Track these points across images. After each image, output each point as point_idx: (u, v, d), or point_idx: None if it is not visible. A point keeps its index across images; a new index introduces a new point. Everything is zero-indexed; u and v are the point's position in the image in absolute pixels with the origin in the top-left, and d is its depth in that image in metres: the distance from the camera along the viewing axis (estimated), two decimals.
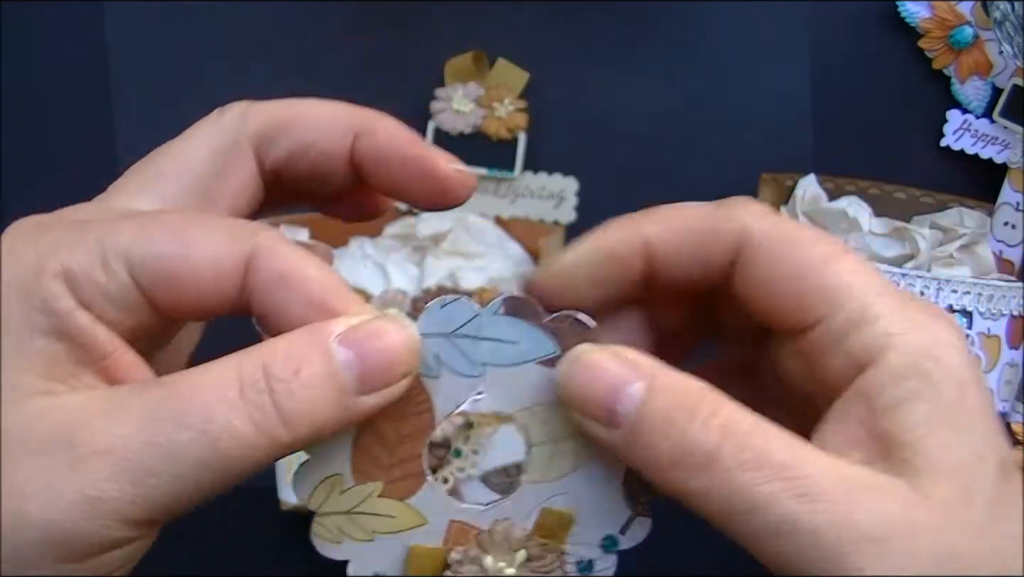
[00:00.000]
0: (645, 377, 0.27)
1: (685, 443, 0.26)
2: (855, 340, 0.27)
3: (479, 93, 0.60)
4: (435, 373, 0.29)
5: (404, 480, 0.29)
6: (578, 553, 0.30)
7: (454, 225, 0.60)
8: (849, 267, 0.27)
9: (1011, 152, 0.61)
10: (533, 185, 0.62)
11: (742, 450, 0.25)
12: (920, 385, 0.26)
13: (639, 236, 0.31)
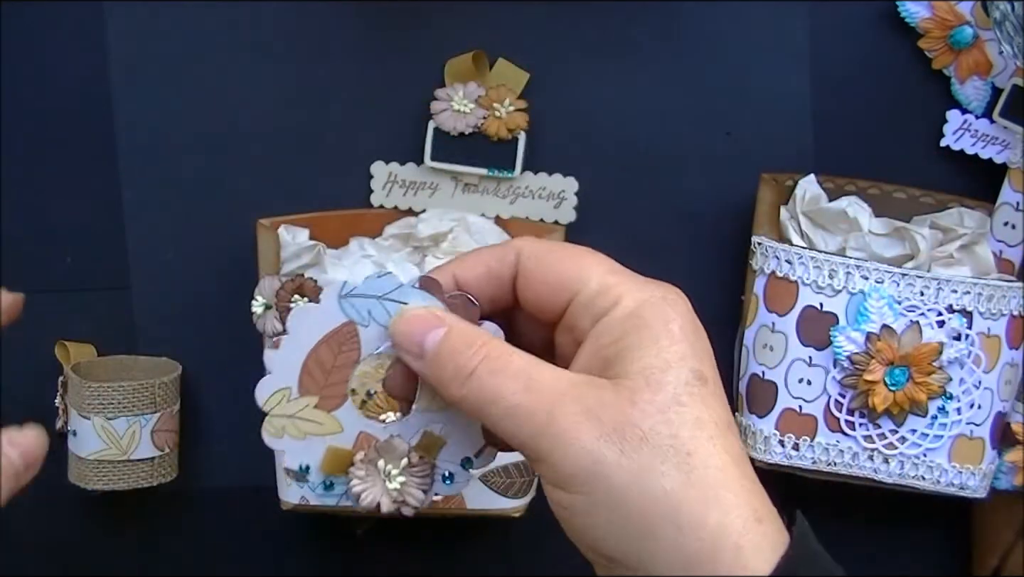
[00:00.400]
0: (445, 326, 0.37)
1: (459, 365, 0.36)
2: (596, 304, 0.37)
3: (479, 93, 0.60)
4: (365, 323, 0.39)
5: (332, 398, 0.40)
6: (444, 467, 0.41)
7: (454, 225, 0.60)
8: (591, 260, 0.38)
9: (1011, 152, 0.61)
10: (533, 185, 0.62)
11: (492, 364, 0.36)
12: (634, 323, 0.36)
13: (451, 273, 0.40)
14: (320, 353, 0.40)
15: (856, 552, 0.67)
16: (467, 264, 0.39)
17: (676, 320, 0.37)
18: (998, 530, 0.63)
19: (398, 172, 0.62)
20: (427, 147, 0.61)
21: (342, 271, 0.58)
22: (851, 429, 0.58)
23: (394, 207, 0.62)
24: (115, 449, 0.59)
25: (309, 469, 0.41)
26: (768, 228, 0.60)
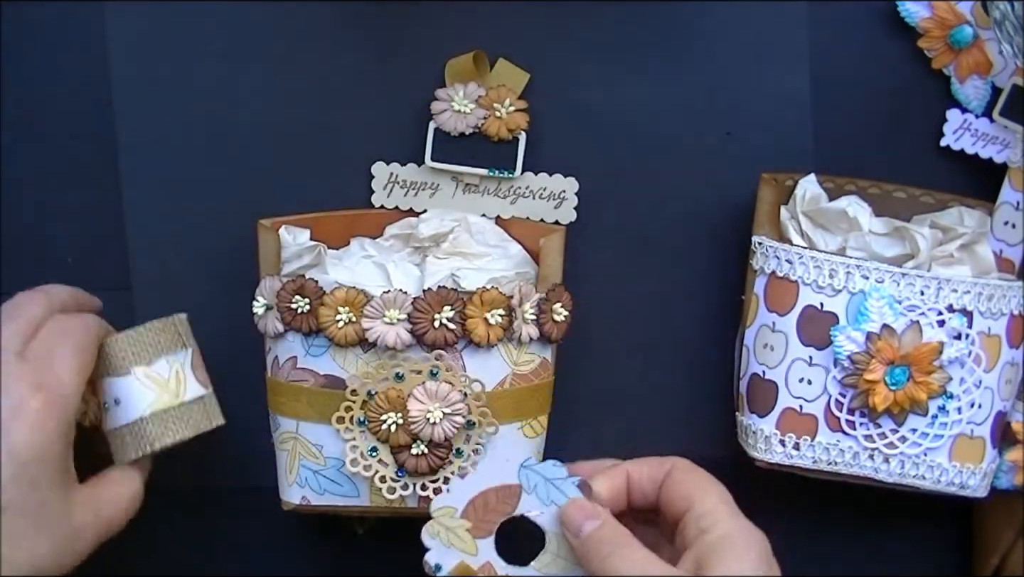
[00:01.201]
0: (600, 519, 0.52)
1: (602, 551, 0.51)
2: (703, 520, 0.51)
3: (480, 94, 0.60)
4: (529, 491, 0.54)
5: (481, 529, 0.54)
6: None
7: (455, 225, 0.60)
8: (710, 487, 0.53)
9: (1011, 151, 0.61)
10: (534, 185, 0.62)
11: (626, 555, 0.51)
12: (728, 542, 0.50)
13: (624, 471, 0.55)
14: (488, 496, 0.54)
15: (857, 552, 0.67)
16: (635, 466, 0.55)
17: (756, 548, 0.50)
18: (998, 530, 0.63)
19: (399, 172, 0.62)
20: (428, 147, 0.61)
21: (343, 272, 0.58)
22: (851, 429, 0.58)
23: (395, 207, 0.62)
24: (167, 394, 0.56)
25: (441, 568, 0.54)
26: (768, 228, 0.60)
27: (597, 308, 0.64)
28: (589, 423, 0.65)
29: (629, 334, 0.64)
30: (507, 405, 0.58)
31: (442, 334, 0.56)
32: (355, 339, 0.56)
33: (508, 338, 0.57)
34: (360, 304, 0.56)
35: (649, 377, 0.65)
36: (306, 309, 0.56)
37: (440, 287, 0.57)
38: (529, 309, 0.58)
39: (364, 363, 0.57)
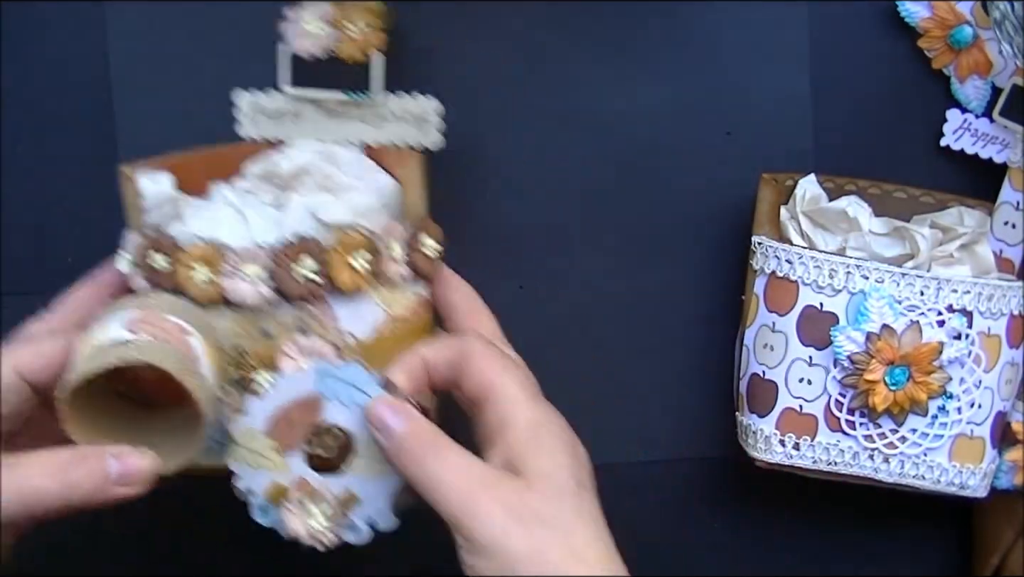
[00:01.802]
0: (408, 417, 0.50)
1: (413, 450, 0.49)
2: (500, 412, 0.50)
3: (330, 13, 0.57)
4: (331, 398, 0.51)
5: (288, 445, 0.52)
6: (355, 521, 0.52)
7: (318, 158, 0.57)
8: (509, 376, 0.51)
9: (1011, 151, 0.61)
10: (396, 108, 0.58)
11: (437, 453, 0.49)
12: (534, 434, 0.49)
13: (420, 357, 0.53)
14: (289, 410, 0.51)
15: (856, 552, 0.67)
16: (432, 351, 0.52)
17: (562, 438, 0.50)
18: (998, 530, 0.63)
19: (261, 101, 0.59)
20: (282, 71, 0.58)
21: (202, 223, 0.55)
22: (851, 429, 0.58)
23: (262, 139, 0.59)
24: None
25: (253, 492, 0.52)
26: (768, 228, 0.60)
27: (597, 308, 0.64)
28: (589, 423, 0.65)
29: (629, 334, 0.64)
30: (388, 351, 0.54)
31: (306, 288, 0.54)
32: (217, 298, 0.54)
33: (379, 281, 0.55)
34: (217, 261, 0.53)
35: (649, 377, 0.65)
36: (166, 267, 0.54)
37: (299, 238, 0.54)
38: (396, 247, 0.55)
39: (233, 321, 0.55)
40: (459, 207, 0.63)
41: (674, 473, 0.66)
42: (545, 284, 0.64)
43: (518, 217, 0.64)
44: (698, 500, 0.66)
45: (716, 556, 0.67)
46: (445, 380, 0.52)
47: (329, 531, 0.51)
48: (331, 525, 0.51)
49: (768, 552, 0.66)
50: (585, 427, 0.65)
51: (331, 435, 0.51)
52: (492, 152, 0.63)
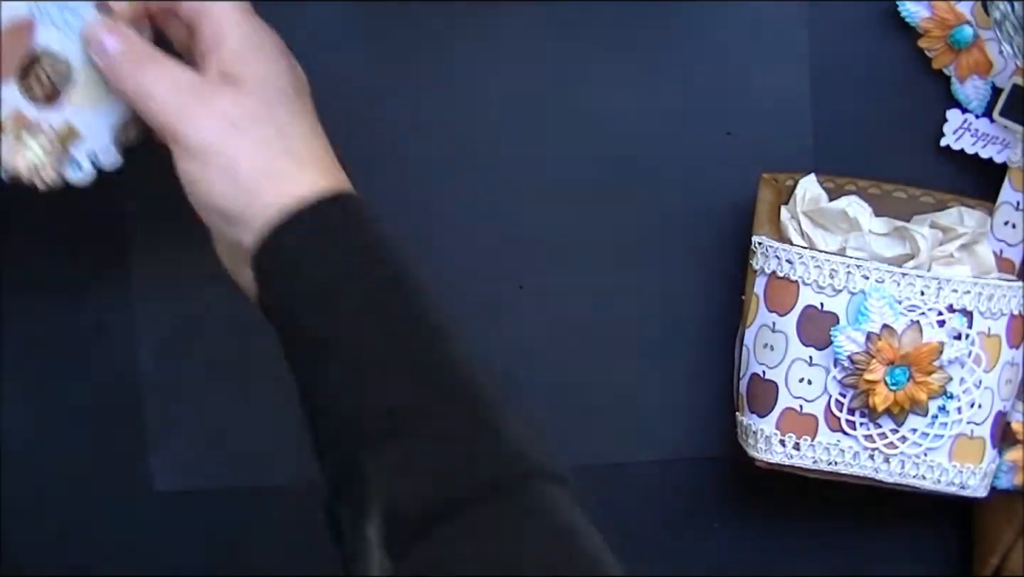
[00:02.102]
0: (124, 36, 0.50)
1: (130, 66, 0.50)
2: (214, 29, 0.50)
3: None
4: (43, 23, 0.50)
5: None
6: (77, 157, 0.51)
7: None
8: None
9: (1011, 151, 0.61)
10: None
11: (154, 67, 0.49)
12: (248, 44, 0.50)
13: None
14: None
15: (856, 552, 0.67)
16: None
17: (276, 49, 0.51)
18: (998, 530, 0.63)
19: None
20: None
21: None
22: (852, 429, 0.58)
23: None
24: None
25: None
26: (768, 228, 0.60)
27: (597, 308, 0.64)
28: (589, 423, 0.65)
29: (629, 334, 0.64)
30: None
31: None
32: None
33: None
34: None
35: (649, 377, 0.65)
36: None
37: None
38: None
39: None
40: (459, 207, 0.63)
41: (674, 473, 0.66)
42: (545, 284, 0.64)
43: (518, 217, 0.63)
44: (698, 500, 0.66)
45: (716, 556, 0.67)
46: (161, 7, 0.52)
47: (49, 166, 0.51)
48: (51, 160, 0.51)
49: (768, 552, 0.66)
50: (585, 427, 0.65)
51: (47, 64, 0.50)
52: (492, 152, 0.63)
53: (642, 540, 0.66)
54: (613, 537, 0.66)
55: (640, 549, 0.66)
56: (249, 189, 0.47)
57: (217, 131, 0.48)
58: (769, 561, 0.66)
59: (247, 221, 0.47)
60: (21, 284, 0.62)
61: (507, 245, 0.64)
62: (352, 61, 0.62)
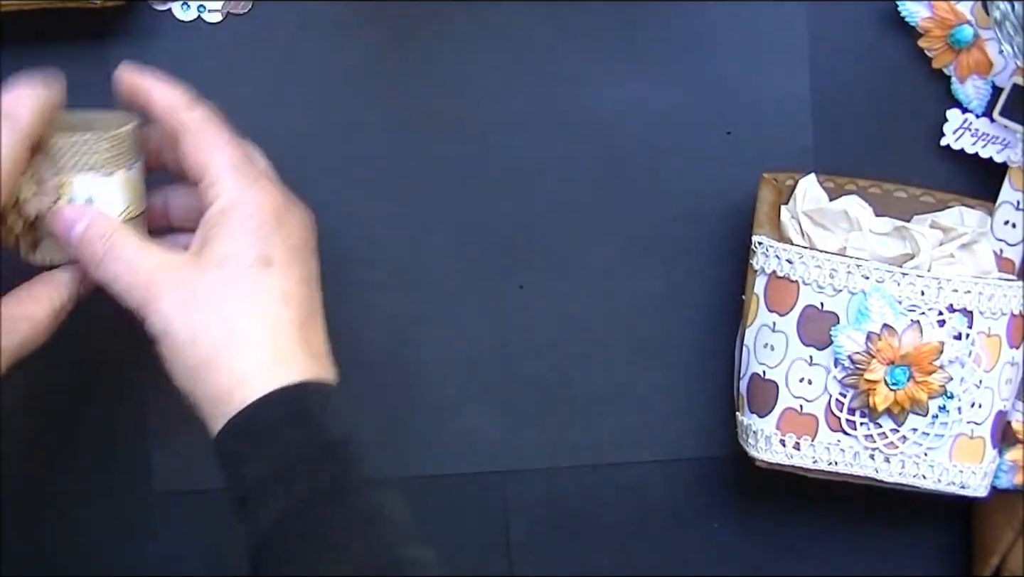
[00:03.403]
0: (87, 219, 0.51)
1: (93, 252, 0.50)
2: (208, 193, 0.50)
3: None
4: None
5: None
6: None
7: None
8: (218, 153, 0.51)
9: (1011, 151, 0.61)
10: None
11: (114, 253, 0.50)
12: (224, 217, 0.49)
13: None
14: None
15: (856, 552, 0.67)
16: (152, 130, 0.54)
17: (256, 217, 0.49)
18: (998, 530, 0.63)
19: None
20: None
21: None
22: (852, 428, 0.58)
23: None
24: (135, 204, 0.53)
25: None
26: (768, 228, 0.60)
27: (597, 308, 0.64)
28: (589, 423, 0.65)
29: (629, 334, 0.64)
30: None
31: None
32: None
33: None
34: None
35: (649, 377, 0.65)
36: None
37: None
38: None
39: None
40: (459, 207, 0.63)
41: (674, 473, 0.66)
42: (545, 284, 0.64)
43: (518, 217, 0.63)
44: (698, 500, 0.66)
45: (716, 556, 0.67)
46: (165, 158, 0.53)
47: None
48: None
49: (768, 552, 0.66)
50: (585, 427, 0.65)
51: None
52: (492, 151, 0.63)
53: (642, 540, 0.66)
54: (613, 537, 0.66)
55: (640, 549, 0.66)
56: (196, 381, 0.49)
57: (169, 313, 0.48)
58: (769, 561, 0.66)
59: (200, 408, 0.49)
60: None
61: (507, 245, 0.64)
62: (353, 60, 0.62)
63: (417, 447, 0.64)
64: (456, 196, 0.63)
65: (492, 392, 0.64)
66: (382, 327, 0.64)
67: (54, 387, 0.63)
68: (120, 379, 0.63)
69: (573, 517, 0.65)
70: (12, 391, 0.63)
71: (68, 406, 0.64)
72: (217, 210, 0.50)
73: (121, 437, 0.64)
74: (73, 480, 0.64)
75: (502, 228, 0.64)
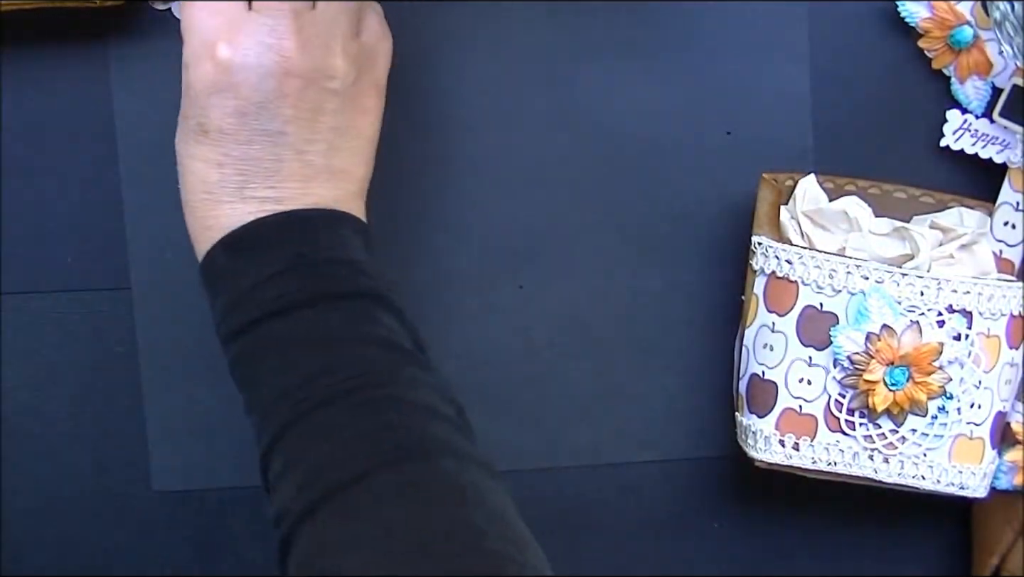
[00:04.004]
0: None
1: None
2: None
3: None
4: None
5: None
6: None
7: None
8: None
9: (1011, 151, 0.61)
10: None
11: None
12: (183, 71, 0.52)
13: None
14: None
15: (856, 552, 0.67)
16: None
17: (193, 86, 0.51)
18: (998, 530, 0.63)
19: None
20: None
21: None
22: (851, 429, 0.58)
23: None
24: None
25: None
26: (768, 228, 0.60)
27: (597, 308, 0.64)
28: (589, 423, 0.65)
29: (629, 334, 0.64)
30: None
31: None
32: None
33: None
34: None
35: (649, 377, 0.65)
36: None
37: None
38: None
39: None
40: (459, 207, 0.63)
41: (674, 473, 0.66)
42: (545, 284, 0.64)
43: (518, 217, 0.64)
44: (698, 500, 0.66)
45: (716, 556, 0.67)
46: None
47: None
48: None
49: (768, 552, 0.66)
50: (585, 427, 0.65)
51: None
52: (492, 152, 0.63)
53: (642, 540, 0.66)
54: (613, 537, 0.66)
55: (640, 549, 0.66)
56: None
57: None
58: (769, 561, 0.67)
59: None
60: (21, 284, 0.63)
61: (507, 245, 0.64)
62: None
63: None
64: (456, 196, 0.63)
65: (492, 392, 0.64)
66: None
67: (54, 387, 0.63)
68: (119, 379, 0.64)
69: (573, 517, 0.65)
70: (12, 391, 0.63)
71: (67, 406, 0.64)
72: (183, 64, 0.51)
73: (120, 437, 0.64)
74: (72, 480, 0.64)
75: (502, 228, 0.64)
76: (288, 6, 0.49)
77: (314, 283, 0.49)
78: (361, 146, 0.53)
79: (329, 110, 0.51)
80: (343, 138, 0.52)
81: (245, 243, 0.49)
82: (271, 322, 0.48)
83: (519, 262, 0.64)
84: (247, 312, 0.49)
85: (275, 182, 0.50)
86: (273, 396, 0.47)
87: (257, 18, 0.49)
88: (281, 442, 0.46)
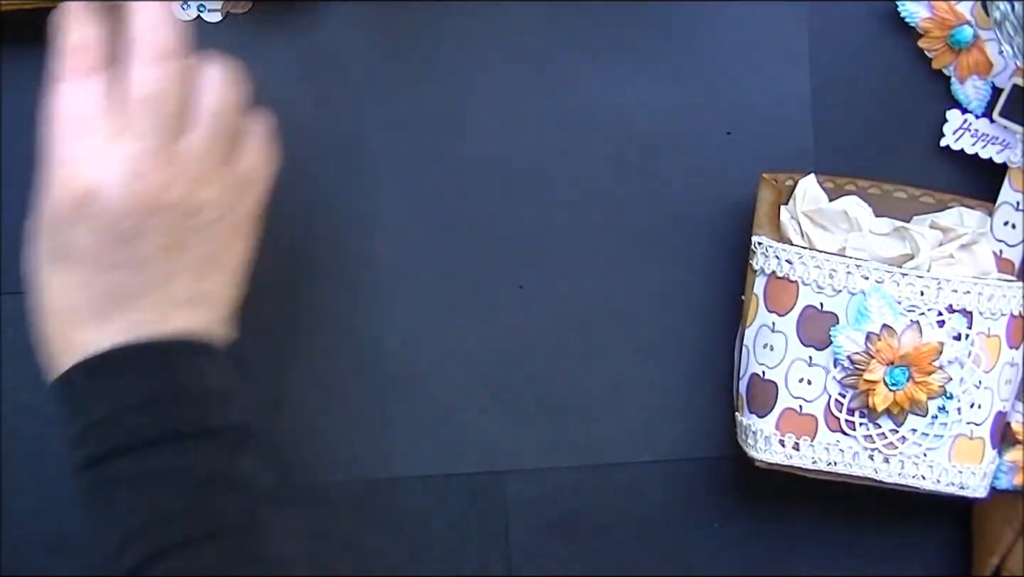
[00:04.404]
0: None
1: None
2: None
3: None
4: None
5: None
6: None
7: None
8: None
9: (1011, 151, 0.61)
10: None
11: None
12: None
13: None
14: None
15: (856, 552, 0.67)
16: None
17: (48, 211, 0.50)
18: (998, 530, 0.63)
19: None
20: None
21: None
22: (851, 429, 0.58)
23: None
24: None
25: None
26: (768, 228, 0.60)
27: (597, 308, 0.64)
28: (589, 423, 0.65)
29: (629, 334, 0.64)
30: None
31: None
32: None
33: None
34: None
35: (649, 377, 0.65)
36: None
37: None
38: None
39: None
40: (459, 207, 0.63)
41: (674, 473, 0.66)
42: (545, 284, 0.64)
43: (518, 217, 0.64)
44: (698, 500, 0.66)
45: (716, 556, 0.67)
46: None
47: None
48: None
49: (768, 552, 0.66)
50: (585, 427, 0.65)
51: None
52: (492, 151, 0.63)
53: (642, 540, 0.66)
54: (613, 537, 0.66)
55: (640, 549, 0.66)
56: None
57: None
58: (769, 561, 0.66)
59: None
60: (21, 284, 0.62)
61: (507, 245, 0.64)
62: (353, 60, 0.62)
63: (417, 447, 0.64)
64: (456, 196, 0.63)
65: (492, 392, 0.64)
66: (382, 327, 0.64)
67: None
68: None
69: (573, 517, 0.65)
70: (12, 391, 0.63)
71: None
72: (45, 183, 0.50)
73: None
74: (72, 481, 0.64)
75: (502, 228, 0.64)
76: (156, 137, 0.48)
77: (167, 420, 0.48)
78: (229, 274, 0.52)
79: (195, 242, 0.50)
80: (210, 267, 0.51)
81: (103, 370, 0.48)
82: (122, 459, 0.48)
83: (519, 262, 0.64)
84: (100, 444, 0.48)
85: (137, 310, 0.49)
86: (124, 535, 0.48)
87: (125, 147, 0.48)
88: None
